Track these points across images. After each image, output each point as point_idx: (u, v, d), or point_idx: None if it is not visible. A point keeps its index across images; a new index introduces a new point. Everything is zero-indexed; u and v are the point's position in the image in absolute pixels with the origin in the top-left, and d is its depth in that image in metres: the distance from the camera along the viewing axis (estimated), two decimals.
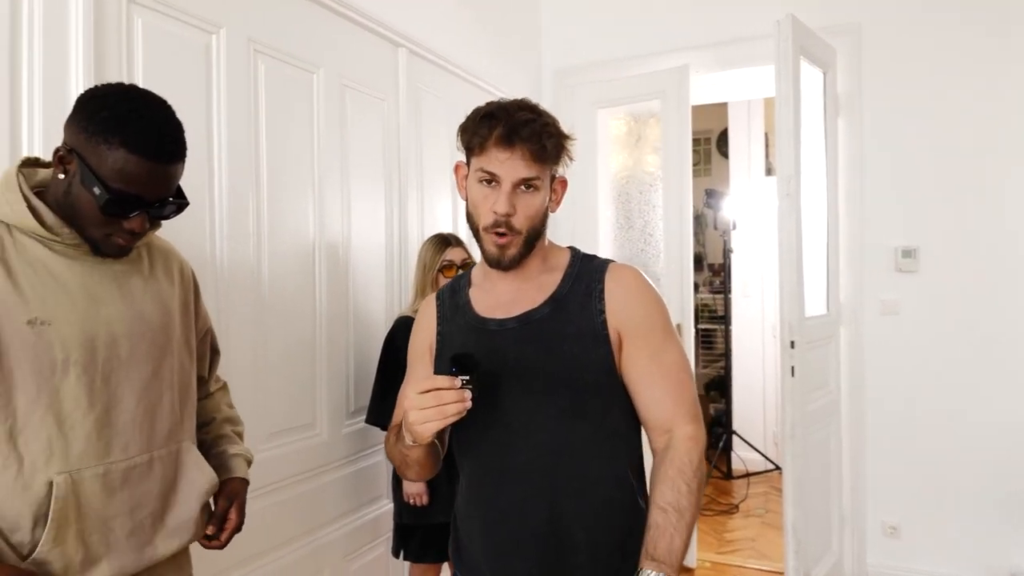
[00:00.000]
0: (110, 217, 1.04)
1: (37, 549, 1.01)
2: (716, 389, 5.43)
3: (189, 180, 1.67)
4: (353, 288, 2.24)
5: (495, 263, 1.13)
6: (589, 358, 1.11)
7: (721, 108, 5.08)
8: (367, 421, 2.15)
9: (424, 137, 2.62)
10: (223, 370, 1.74)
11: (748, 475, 4.54)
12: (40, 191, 1.08)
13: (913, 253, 2.87)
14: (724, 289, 4.91)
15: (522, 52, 3.47)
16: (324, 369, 2.10)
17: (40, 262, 1.04)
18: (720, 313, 5.29)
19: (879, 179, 2.94)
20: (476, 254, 2.71)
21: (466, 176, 1.16)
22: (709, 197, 4.64)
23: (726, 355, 4.86)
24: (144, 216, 1.07)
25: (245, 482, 1.36)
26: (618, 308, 1.12)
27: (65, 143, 1.05)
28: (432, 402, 0.96)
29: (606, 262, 1.18)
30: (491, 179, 1.09)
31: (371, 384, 2.18)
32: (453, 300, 1.25)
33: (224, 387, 1.48)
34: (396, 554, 2.18)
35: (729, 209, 4.71)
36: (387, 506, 2.29)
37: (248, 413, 1.81)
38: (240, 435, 1.43)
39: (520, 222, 1.10)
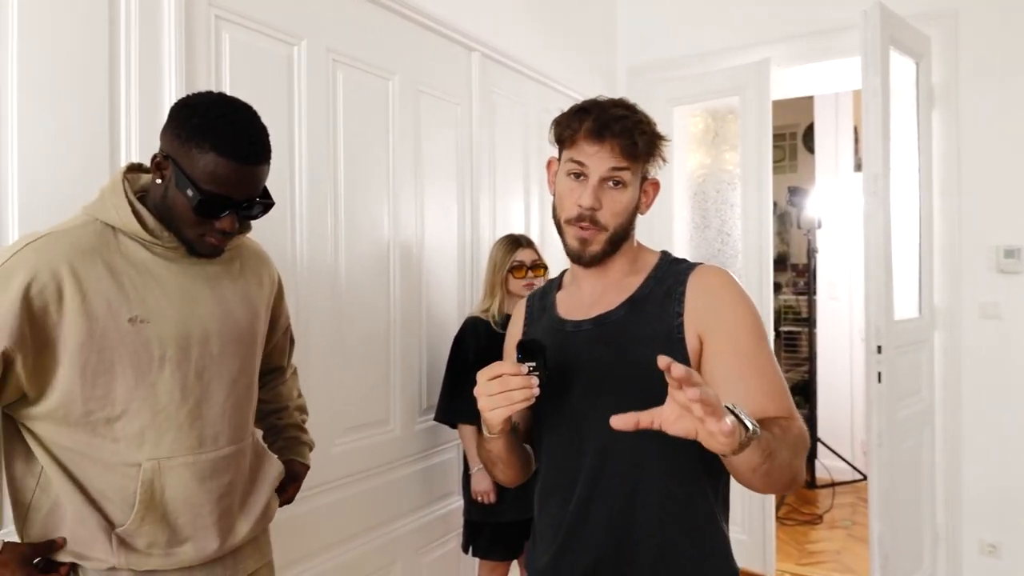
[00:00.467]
0: (202, 218, 1.11)
1: (126, 525, 1.10)
2: (800, 394, 5.22)
3: (271, 184, 1.76)
4: (426, 288, 2.29)
5: (575, 257, 1.11)
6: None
7: (807, 101, 4.88)
8: (436, 419, 2.19)
9: (497, 139, 2.65)
10: (303, 366, 1.83)
11: (833, 484, 4.35)
12: (141, 196, 1.16)
13: (1017, 253, 2.68)
14: (808, 290, 4.72)
15: (596, 51, 3.45)
16: (398, 367, 2.16)
17: (142, 264, 1.12)
18: (805, 315, 5.08)
19: (977, 174, 2.75)
20: (547, 255, 2.72)
21: (556, 171, 1.15)
22: (792, 195, 4.47)
23: (810, 359, 4.67)
24: (233, 216, 1.13)
25: (307, 467, 1.48)
26: (699, 310, 1.06)
27: (161, 150, 1.12)
28: (498, 388, 0.96)
29: (693, 264, 1.13)
30: (580, 172, 1.08)
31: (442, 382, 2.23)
32: (542, 302, 1.25)
33: (295, 373, 1.55)
34: (465, 549, 2.22)
35: (814, 207, 4.52)
36: (458, 502, 2.33)
37: (324, 408, 1.89)
38: (305, 422, 1.53)
39: (606, 218, 1.08)
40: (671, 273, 1.12)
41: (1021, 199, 2.68)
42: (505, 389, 0.96)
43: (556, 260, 2.98)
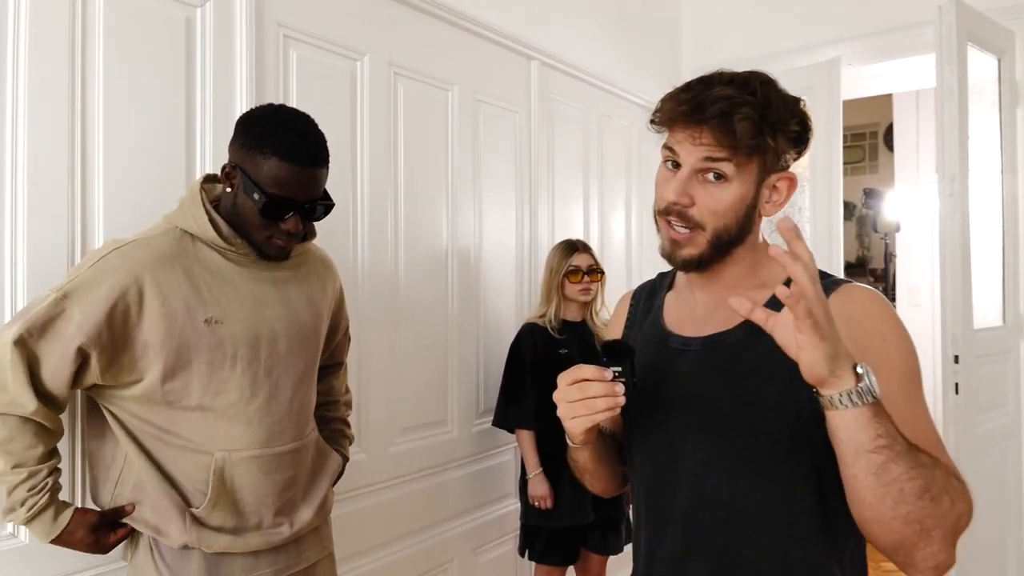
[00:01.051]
0: (268, 220, 1.19)
1: (197, 511, 1.19)
2: None
3: (335, 193, 1.85)
4: (484, 292, 2.34)
5: (667, 259, 0.95)
6: (780, 400, 0.85)
7: (887, 100, 4.69)
8: (494, 424, 2.23)
9: (556, 145, 2.67)
10: (363, 367, 1.91)
11: None
12: (215, 204, 1.26)
13: None
14: (887, 297, 4.52)
15: (659, 54, 3.42)
16: (455, 369, 2.22)
17: (216, 269, 1.21)
18: None
19: None
20: (606, 261, 2.72)
21: None
22: (868, 197, 4.30)
23: None
24: (297, 217, 1.21)
25: (346, 459, 1.52)
26: None
27: (230, 160, 1.22)
28: (578, 395, 0.83)
29: (837, 282, 0.92)
30: (674, 160, 0.91)
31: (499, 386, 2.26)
32: (648, 302, 1.09)
33: (345, 368, 1.60)
34: (522, 553, 2.25)
35: (892, 209, 4.33)
36: (514, 504, 2.36)
37: (383, 408, 1.97)
38: (349, 416, 1.59)
39: (702, 215, 0.89)
40: None
41: None
42: (586, 396, 0.83)
43: (615, 265, 2.98)
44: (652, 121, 0.94)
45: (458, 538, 2.22)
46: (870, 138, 6.67)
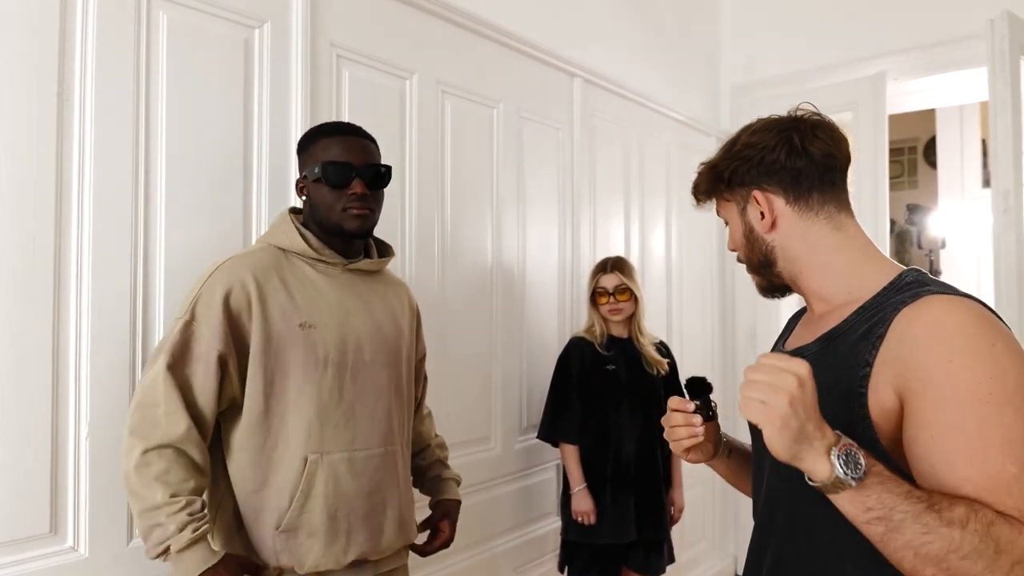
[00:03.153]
0: (334, 188, 1.28)
1: (287, 515, 1.22)
2: None
3: (383, 209, 1.87)
4: (527, 308, 2.33)
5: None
6: (837, 418, 0.80)
7: (928, 114, 4.62)
8: (539, 436, 2.22)
9: (598, 162, 2.67)
10: None
11: None
12: (303, 225, 1.35)
13: None
14: None
15: (699, 71, 3.42)
16: (499, 386, 2.21)
17: (307, 278, 1.30)
18: None
19: None
20: (644, 277, 2.70)
21: None
22: (911, 213, 4.22)
23: None
24: (361, 181, 1.29)
25: (458, 503, 1.55)
26: (900, 360, 0.80)
27: (298, 176, 1.34)
28: (665, 424, 0.98)
29: (918, 292, 0.84)
30: None
31: (543, 402, 2.25)
32: (795, 322, 1.14)
33: (431, 415, 1.64)
34: (561, 569, 2.22)
35: (937, 225, 4.24)
36: (556, 523, 2.34)
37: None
38: (447, 459, 1.61)
39: (740, 254, 1.04)
40: (889, 303, 0.85)
41: None
42: (669, 425, 0.96)
43: (655, 281, 2.96)
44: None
45: (500, 557, 2.20)
46: (909, 153, 6.56)
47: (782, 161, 0.95)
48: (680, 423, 0.94)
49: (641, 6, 3.00)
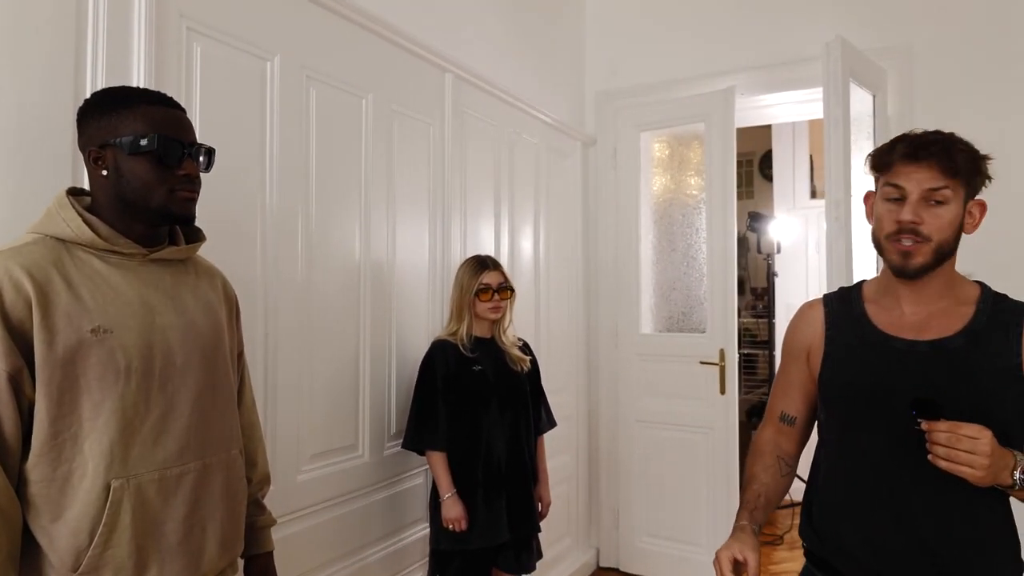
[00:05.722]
0: (164, 169, 1.11)
1: (88, 555, 1.03)
2: (758, 416, 5.30)
3: (240, 198, 1.71)
4: (396, 308, 2.25)
5: (899, 271, 1.18)
6: (1005, 395, 1.13)
7: (764, 130, 5.02)
8: (404, 446, 2.13)
9: (468, 160, 2.63)
10: (270, 390, 1.76)
11: (792, 504, 4.40)
12: (90, 208, 1.14)
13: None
14: (768, 313, 4.81)
15: (566, 76, 3.49)
16: (367, 391, 2.11)
17: (98, 274, 1.09)
18: (762, 338, 5.18)
19: None
20: (516, 278, 2.69)
21: (873, 201, 1.25)
22: (753, 220, 4.57)
23: (769, 380, 4.75)
24: (192, 160, 1.15)
25: (271, 554, 1.42)
26: None
27: (91, 145, 1.12)
28: (953, 446, 1.09)
29: (1016, 302, 1.20)
30: (898, 195, 1.17)
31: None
32: (845, 308, 1.30)
33: (258, 431, 1.45)
34: None
35: (773, 232, 4.63)
36: (427, 529, 2.27)
37: (293, 434, 1.83)
38: (265, 496, 1.45)
39: (929, 230, 1.15)
40: (1003, 308, 1.19)
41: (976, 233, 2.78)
42: (963, 449, 1.09)
43: (524, 281, 2.98)
44: (876, 167, 1.22)
45: (369, 568, 2.10)
46: (746, 166, 7.12)
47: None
48: (967, 448, 1.06)
49: (513, 7, 3.01)
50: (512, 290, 2.23)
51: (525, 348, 2.33)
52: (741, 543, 1.24)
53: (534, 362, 2.34)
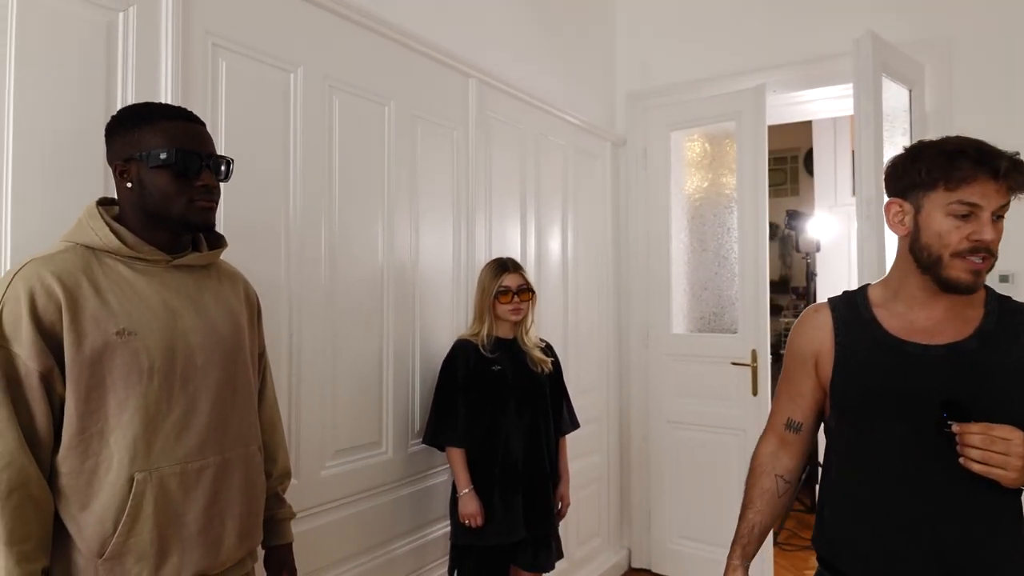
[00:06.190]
0: (183, 178, 1.19)
1: (112, 542, 1.11)
2: None
3: (264, 205, 1.79)
4: (420, 311, 2.30)
5: (966, 288, 1.17)
6: (1015, 397, 1.16)
7: (808, 125, 4.92)
8: (424, 441, 2.19)
9: (494, 163, 2.67)
10: (294, 388, 1.84)
11: None
12: (117, 218, 1.22)
13: (1012, 278, 2.68)
14: None
15: (595, 77, 3.49)
16: (391, 389, 2.17)
17: (124, 280, 1.17)
18: None
19: None
20: (540, 279, 2.72)
21: (913, 212, 1.23)
22: (791, 218, 4.49)
23: None
24: (210, 171, 1.22)
25: (290, 545, 1.49)
26: None
27: (118, 160, 1.20)
28: (987, 447, 1.10)
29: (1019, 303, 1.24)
30: (968, 211, 1.16)
31: None
32: (853, 312, 1.31)
33: (278, 426, 1.52)
34: (451, 573, 2.20)
35: (813, 230, 4.53)
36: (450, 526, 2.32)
37: (316, 430, 1.91)
38: (286, 490, 1.52)
39: (995, 248, 1.17)
40: (1009, 310, 1.22)
41: (1014, 224, 2.68)
42: (997, 451, 1.11)
43: (552, 282, 3.00)
44: (935, 179, 1.19)
45: (392, 563, 2.16)
46: (791, 162, 6.97)
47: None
48: (1001, 450, 1.08)
49: (540, 12, 3.04)
50: (533, 292, 2.26)
51: (547, 350, 2.35)
52: None
53: (556, 363, 2.37)
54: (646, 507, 3.50)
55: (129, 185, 1.20)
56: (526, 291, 2.23)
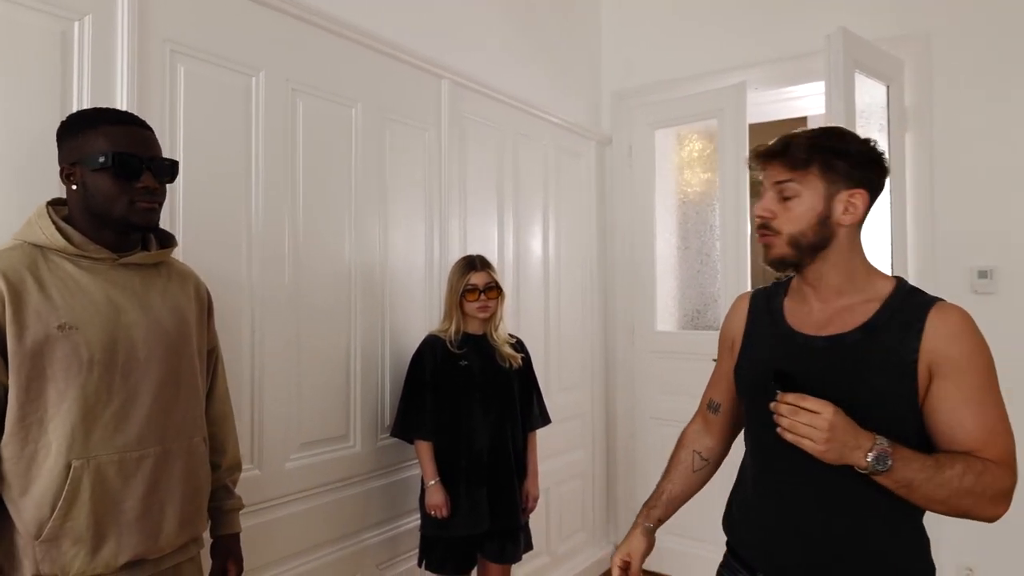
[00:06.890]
0: (123, 180, 1.24)
1: (49, 525, 1.18)
2: None
3: (226, 206, 1.84)
4: (390, 309, 2.35)
5: (765, 262, 1.24)
6: (893, 391, 1.12)
7: (791, 124, 4.88)
8: (391, 434, 2.24)
9: (469, 162, 2.71)
10: (257, 381, 1.89)
11: None
12: (67, 219, 1.28)
13: (990, 273, 2.66)
14: None
15: (581, 76, 3.52)
16: (358, 386, 2.22)
17: (69, 277, 1.24)
18: None
19: (952, 196, 2.75)
20: (521, 276, 2.74)
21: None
22: None
23: None
24: (150, 174, 1.27)
25: (238, 535, 1.54)
26: (935, 347, 1.11)
27: (64, 161, 1.28)
28: (790, 416, 1.10)
29: (933, 300, 1.16)
30: (762, 190, 1.24)
31: None
32: (767, 303, 1.33)
33: (229, 418, 1.57)
34: (420, 564, 2.25)
35: None
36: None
37: (280, 423, 1.96)
38: (236, 481, 1.57)
39: (780, 224, 1.18)
40: (910, 305, 1.16)
41: (994, 220, 2.67)
42: (801, 421, 1.10)
43: (533, 280, 3.03)
44: (749, 166, 1.26)
45: (361, 553, 2.22)
46: None
47: (880, 175, 1.20)
48: (806, 421, 1.07)
49: (525, 13, 3.07)
50: (500, 290, 2.29)
51: (518, 346, 2.39)
52: (628, 544, 1.35)
53: (527, 359, 2.40)
54: (631, 503, 3.52)
55: (75, 187, 1.26)
56: (493, 289, 2.26)
